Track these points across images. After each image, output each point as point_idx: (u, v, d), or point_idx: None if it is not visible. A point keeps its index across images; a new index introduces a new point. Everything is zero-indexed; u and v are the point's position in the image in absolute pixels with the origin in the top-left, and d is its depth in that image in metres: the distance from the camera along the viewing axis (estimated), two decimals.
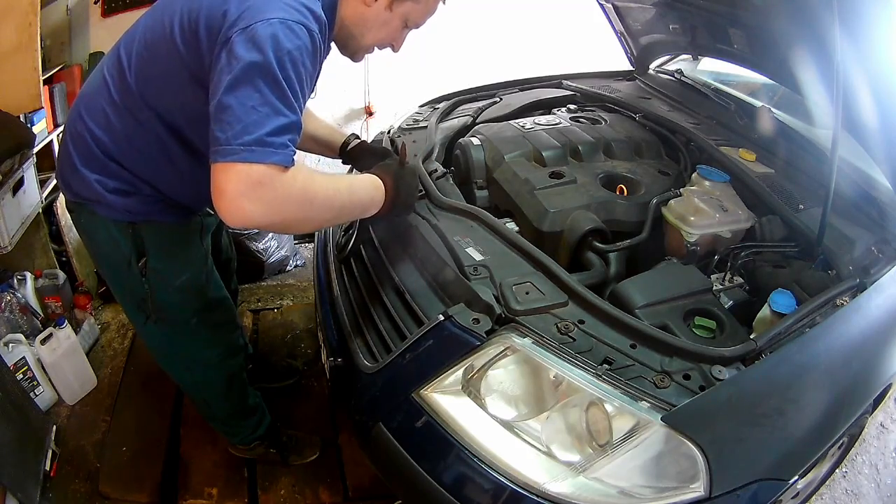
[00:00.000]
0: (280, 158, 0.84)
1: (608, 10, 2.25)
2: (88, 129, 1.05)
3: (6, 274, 1.99)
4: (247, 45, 0.84)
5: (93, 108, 1.05)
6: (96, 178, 1.06)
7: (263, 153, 0.82)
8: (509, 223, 1.48)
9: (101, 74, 1.06)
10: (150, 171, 1.07)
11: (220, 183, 0.83)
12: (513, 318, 1.07)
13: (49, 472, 1.59)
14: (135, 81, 1.01)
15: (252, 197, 0.83)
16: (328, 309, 1.41)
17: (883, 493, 1.75)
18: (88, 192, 1.07)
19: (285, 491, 1.62)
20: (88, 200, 1.09)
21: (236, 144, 0.82)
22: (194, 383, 1.41)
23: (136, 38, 1.02)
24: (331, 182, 0.99)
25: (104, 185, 1.06)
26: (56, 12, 2.26)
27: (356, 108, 3.13)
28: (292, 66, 0.86)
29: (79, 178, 1.07)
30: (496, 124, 1.83)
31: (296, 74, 0.87)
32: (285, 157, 0.85)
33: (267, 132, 0.83)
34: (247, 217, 0.84)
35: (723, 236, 1.41)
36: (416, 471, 1.04)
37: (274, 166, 0.84)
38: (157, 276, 1.16)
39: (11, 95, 1.82)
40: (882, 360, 1.20)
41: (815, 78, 1.34)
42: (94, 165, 1.06)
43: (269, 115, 0.83)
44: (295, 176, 0.88)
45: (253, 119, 0.83)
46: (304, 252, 2.77)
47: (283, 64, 0.85)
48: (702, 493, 0.92)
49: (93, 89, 1.07)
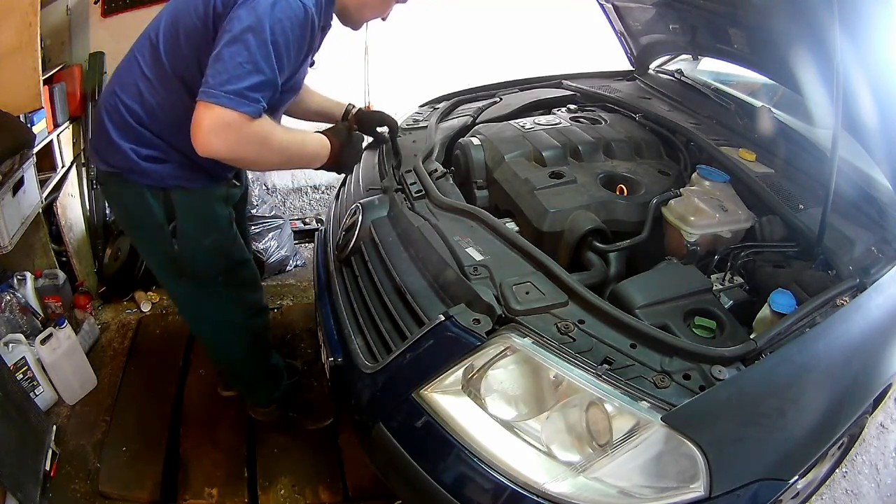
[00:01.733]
0: (250, 110, 1.02)
1: (608, 10, 2.25)
2: (123, 103, 1.17)
3: (6, 274, 1.99)
4: (248, 11, 1.02)
5: (126, 84, 1.18)
6: (131, 147, 1.18)
7: (239, 102, 1.00)
8: (509, 223, 1.48)
9: (132, 55, 1.19)
10: (179, 137, 1.15)
11: (199, 118, 1.01)
12: (513, 318, 1.07)
13: (49, 472, 1.59)
14: (165, 55, 1.14)
15: (220, 135, 1.01)
16: (328, 309, 1.41)
17: (883, 493, 1.75)
18: (123, 161, 1.19)
19: (285, 491, 1.62)
20: (123, 169, 1.20)
21: (220, 90, 0.99)
22: (222, 344, 1.50)
23: (164, 19, 1.17)
24: (287, 134, 1.15)
25: (138, 154, 1.18)
26: (56, 12, 2.26)
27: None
28: (281, 32, 1.03)
29: (114, 149, 1.19)
30: (496, 124, 1.83)
31: (283, 40, 1.03)
32: (255, 109, 1.03)
33: (245, 86, 1.00)
34: (212, 150, 1.02)
35: (723, 236, 1.41)
36: (416, 471, 1.04)
37: (243, 115, 1.01)
38: (186, 237, 1.27)
39: (11, 95, 1.82)
40: (882, 360, 1.20)
41: (815, 78, 1.34)
42: (129, 136, 1.18)
43: (250, 72, 1.01)
44: (259, 124, 1.05)
45: (237, 73, 1.00)
46: (304, 252, 2.77)
47: (274, 30, 1.01)
48: (702, 493, 0.92)
49: (125, 69, 1.20)
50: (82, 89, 2.30)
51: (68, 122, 2.20)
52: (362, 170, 1.81)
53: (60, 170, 2.13)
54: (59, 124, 2.11)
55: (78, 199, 2.30)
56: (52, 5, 2.21)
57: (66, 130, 2.20)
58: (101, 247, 2.41)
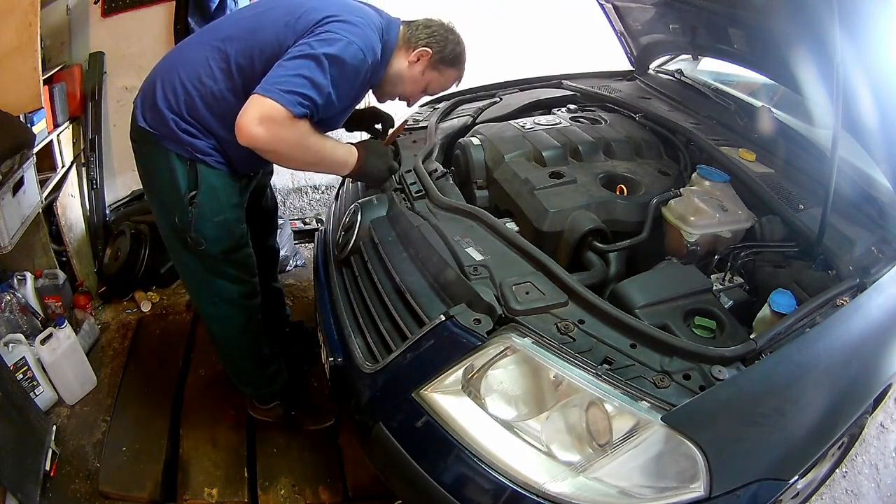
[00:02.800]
0: (296, 110, 1.14)
1: (608, 10, 2.25)
2: (181, 81, 1.28)
3: (6, 274, 1.99)
4: (323, 42, 1.18)
5: (189, 66, 1.29)
6: (173, 118, 1.28)
7: (288, 101, 1.13)
8: (509, 223, 1.48)
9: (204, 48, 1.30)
10: (221, 125, 1.29)
11: (249, 106, 1.13)
12: (513, 318, 1.07)
13: (49, 472, 1.59)
14: (233, 52, 1.26)
15: (264, 124, 1.13)
16: (328, 309, 1.41)
17: (883, 493, 1.75)
18: (162, 126, 1.29)
19: (285, 491, 1.62)
20: (158, 133, 1.30)
21: (275, 87, 1.13)
22: (217, 317, 1.56)
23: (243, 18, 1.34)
24: (321, 139, 1.28)
25: (177, 125, 1.29)
26: (56, 12, 2.26)
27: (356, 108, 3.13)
28: (340, 70, 1.19)
29: (156, 113, 1.29)
30: (496, 124, 1.83)
31: (339, 77, 1.20)
32: (300, 111, 1.15)
33: (298, 92, 1.14)
34: (252, 136, 1.13)
35: (723, 236, 1.41)
36: (416, 471, 1.04)
37: (289, 112, 1.13)
38: (201, 210, 1.36)
39: (11, 95, 1.82)
40: (882, 360, 1.20)
41: (815, 78, 1.34)
42: (175, 109, 1.28)
43: (305, 85, 1.15)
44: (300, 124, 1.18)
45: (295, 81, 1.14)
46: (304, 252, 2.77)
47: (334, 65, 1.18)
48: (702, 493, 0.92)
49: (192, 54, 1.31)
50: (82, 89, 2.30)
51: (68, 122, 2.20)
52: None
53: (60, 170, 2.13)
54: (59, 124, 2.11)
55: (78, 199, 2.30)
56: (52, 5, 2.21)
57: (66, 130, 2.20)
58: (101, 247, 2.41)
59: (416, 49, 1.39)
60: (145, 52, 2.39)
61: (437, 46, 1.40)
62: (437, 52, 1.40)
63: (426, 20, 1.43)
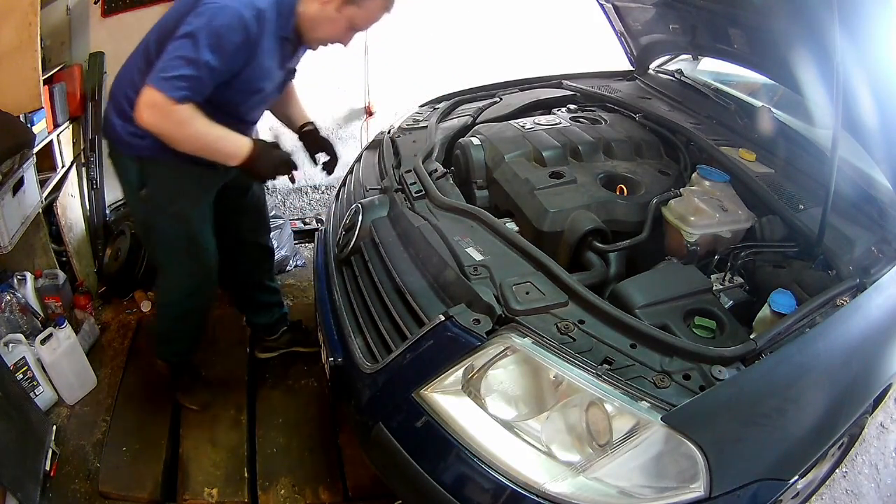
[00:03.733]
0: (176, 95, 1.21)
1: (608, 10, 2.25)
2: (122, 86, 1.40)
3: (6, 274, 1.99)
4: (195, 16, 1.23)
5: (128, 69, 1.41)
6: (121, 124, 1.40)
7: (167, 87, 1.21)
8: (509, 223, 1.48)
9: (136, 53, 1.40)
10: None
11: (141, 94, 1.23)
12: (513, 318, 1.07)
13: (49, 472, 1.59)
14: (153, 46, 1.33)
15: (148, 110, 1.23)
16: (328, 309, 1.41)
17: (883, 493, 1.75)
18: (115, 134, 1.43)
19: (285, 491, 1.62)
20: (115, 141, 1.45)
21: (157, 75, 1.22)
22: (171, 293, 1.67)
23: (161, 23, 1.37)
24: (207, 126, 1.31)
25: (125, 130, 1.39)
26: (56, 12, 2.25)
27: (356, 108, 3.13)
28: (217, 38, 1.22)
29: (110, 125, 1.44)
30: (496, 124, 1.83)
31: (217, 45, 1.22)
32: (179, 95, 1.22)
33: (175, 75, 1.21)
34: (143, 122, 1.25)
35: (723, 236, 1.41)
36: (416, 471, 1.04)
37: (168, 98, 1.21)
38: (152, 203, 1.48)
39: (11, 95, 1.82)
40: (882, 360, 1.20)
41: (815, 78, 1.34)
42: (121, 115, 1.40)
43: (181, 65, 1.21)
44: (182, 109, 1.24)
45: (172, 64, 1.22)
46: (304, 252, 2.76)
47: (209, 35, 1.21)
48: (702, 493, 0.92)
49: (129, 63, 1.42)
50: (82, 89, 2.30)
51: (68, 122, 2.20)
52: (362, 170, 1.81)
53: (60, 170, 2.13)
54: (59, 124, 2.11)
55: (78, 199, 2.30)
56: (52, 5, 2.20)
57: (66, 130, 2.19)
58: (101, 247, 2.41)
59: None
60: None
61: None
62: None
63: None
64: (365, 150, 1.99)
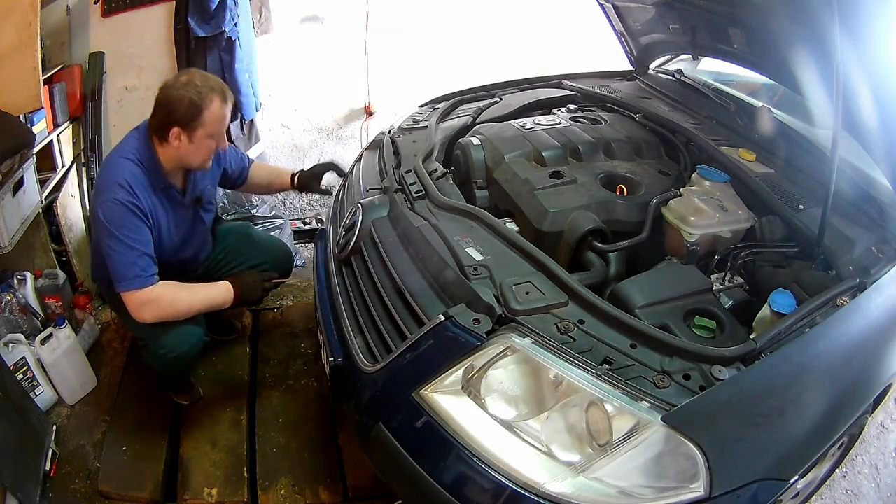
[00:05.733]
0: (146, 284, 1.39)
1: (608, 10, 2.25)
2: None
3: (6, 274, 1.99)
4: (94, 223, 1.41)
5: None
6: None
7: (131, 285, 1.38)
8: (509, 223, 1.48)
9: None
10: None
11: (126, 303, 1.41)
12: (513, 318, 1.07)
13: (49, 472, 1.59)
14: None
15: (140, 309, 1.41)
16: (328, 309, 1.41)
17: (883, 493, 1.75)
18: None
19: (285, 490, 1.62)
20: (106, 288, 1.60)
21: (122, 285, 1.39)
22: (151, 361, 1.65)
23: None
24: (190, 293, 1.49)
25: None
26: (56, 12, 2.25)
27: (356, 108, 3.13)
28: (117, 227, 1.37)
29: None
30: (496, 124, 1.83)
31: (122, 230, 1.37)
32: (144, 282, 1.39)
33: (128, 274, 1.38)
34: (147, 319, 1.42)
35: (723, 236, 1.41)
36: (416, 471, 1.04)
37: (141, 290, 1.39)
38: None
39: (11, 95, 1.82)
40: (882, 360, 1.20)
41: (815, 78, 1.34)
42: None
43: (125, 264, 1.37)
44: (160, 292, 1.42)
45: (120, 269, 1.38)
46: (304, 252, 2.76)
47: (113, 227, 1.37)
48: (702, 493, 0.92)
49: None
50: (82, 89, 2.30)
51: (68, 122, 2.20)
52: (362, 170, 1.81)
53: (60, 170, 2.13)
54: (59, 124, 2.11)
55: (78, 199, 2.30)
56: (52, 5, 2.20)
57: (66, 130, 2.19)
58: None
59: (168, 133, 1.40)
60: (145, 53, 2.39)
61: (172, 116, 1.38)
62: (177, 120, 1.38)
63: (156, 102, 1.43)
64: (365, 150, 1.99)
